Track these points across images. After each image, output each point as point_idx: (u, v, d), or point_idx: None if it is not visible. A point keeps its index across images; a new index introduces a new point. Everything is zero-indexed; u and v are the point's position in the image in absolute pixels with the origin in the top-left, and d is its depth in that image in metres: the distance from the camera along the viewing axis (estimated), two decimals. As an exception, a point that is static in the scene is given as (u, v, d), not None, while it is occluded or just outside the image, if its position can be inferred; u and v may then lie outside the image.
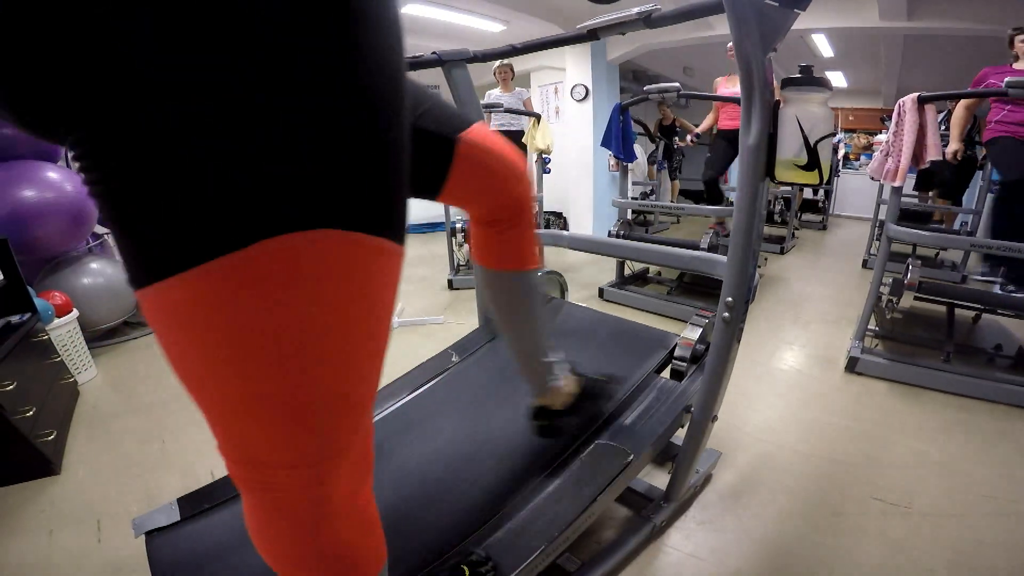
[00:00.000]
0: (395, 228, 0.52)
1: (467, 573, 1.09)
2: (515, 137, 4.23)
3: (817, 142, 0.88)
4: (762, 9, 0.80)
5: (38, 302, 2.26)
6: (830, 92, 0.89)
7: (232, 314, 0.45)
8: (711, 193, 4.36)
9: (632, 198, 4.61)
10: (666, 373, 1.53)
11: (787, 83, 0.90)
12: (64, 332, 2.41)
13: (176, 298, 0.45)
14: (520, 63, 6.06)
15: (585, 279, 4.07)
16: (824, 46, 5.62)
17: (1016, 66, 2.74)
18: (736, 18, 0.83)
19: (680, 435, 1.40)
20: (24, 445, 1.72)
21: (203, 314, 0.45)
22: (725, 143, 4.15)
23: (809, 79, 0.88)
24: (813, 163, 0.88)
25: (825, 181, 0.91)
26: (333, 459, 0.57)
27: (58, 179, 2.66)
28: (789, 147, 0.89)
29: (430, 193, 0.87)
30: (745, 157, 0.92)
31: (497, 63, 4.32)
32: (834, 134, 1.34)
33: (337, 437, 0.57)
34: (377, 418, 1.47)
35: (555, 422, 1.24)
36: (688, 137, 5.01)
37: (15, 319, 2.09)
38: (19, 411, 1.74)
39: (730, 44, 4.09)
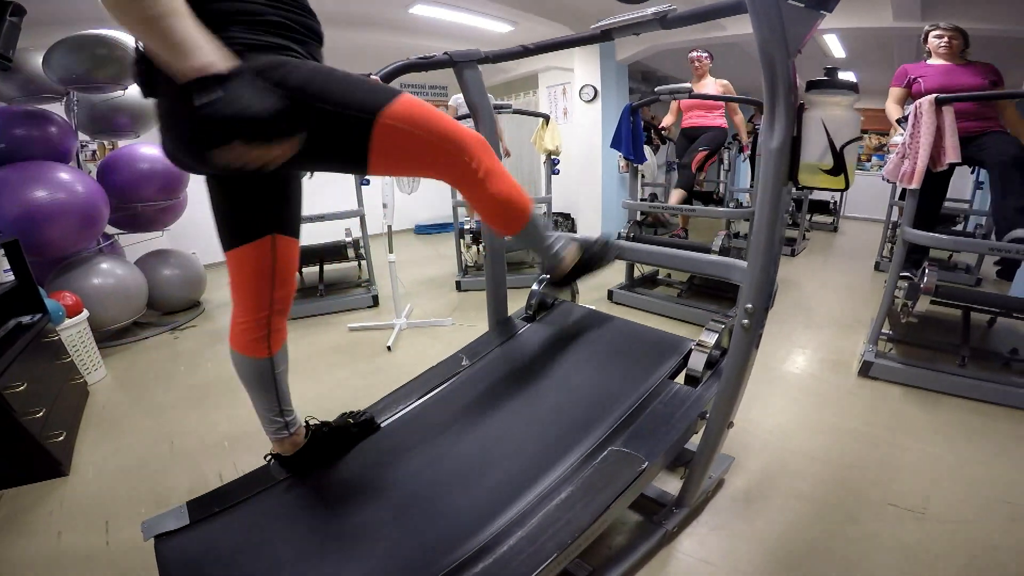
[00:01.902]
0: None
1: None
2: None
3: (844, 146, 0.85)
4: (787, 11, 0.78)
5: (49, 303, 2.27)
6: (857, 95, 0.87)
7: None
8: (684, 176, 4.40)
9: (641, 199, 4.58)
10: (680, 378, 1.51)
11: (812, 86, 0.88)
12: (74, 332, 2.42)
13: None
14: (528, 63, 6.04)
15: (593, 280, 4.02)
16: (836, 46, 5.57)
17: (930, 62, 2.73)
18: (760, 19, 0.80)
19: (693, 440, 1.39)
20: (33, 446, 1.73)
21: None
22: (686, 140, 4.39)
23: (835, 82, 0.85)
24: (839, 168, 0.86)
25: (850, 186, 0.88)
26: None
27: (69, 179, 2.67)
28: (813, 151, 0.87)
29: (357, 169, 0.97)
30: (767, 160, 0.90)
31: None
32: (861, 138, 1.32)
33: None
34: (388, 422, 1.46)
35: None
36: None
37: (26, 320, 2.10)
38: (29, 412, 1.75)
39: (694, 54, 4.12)
